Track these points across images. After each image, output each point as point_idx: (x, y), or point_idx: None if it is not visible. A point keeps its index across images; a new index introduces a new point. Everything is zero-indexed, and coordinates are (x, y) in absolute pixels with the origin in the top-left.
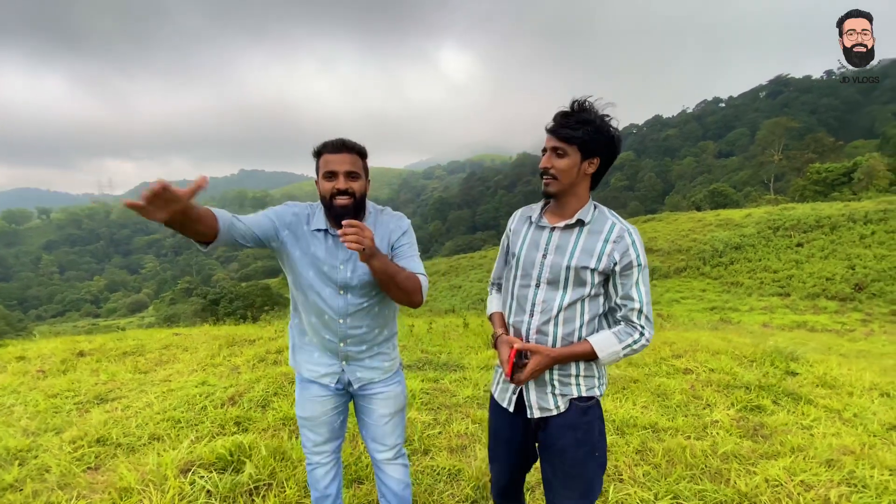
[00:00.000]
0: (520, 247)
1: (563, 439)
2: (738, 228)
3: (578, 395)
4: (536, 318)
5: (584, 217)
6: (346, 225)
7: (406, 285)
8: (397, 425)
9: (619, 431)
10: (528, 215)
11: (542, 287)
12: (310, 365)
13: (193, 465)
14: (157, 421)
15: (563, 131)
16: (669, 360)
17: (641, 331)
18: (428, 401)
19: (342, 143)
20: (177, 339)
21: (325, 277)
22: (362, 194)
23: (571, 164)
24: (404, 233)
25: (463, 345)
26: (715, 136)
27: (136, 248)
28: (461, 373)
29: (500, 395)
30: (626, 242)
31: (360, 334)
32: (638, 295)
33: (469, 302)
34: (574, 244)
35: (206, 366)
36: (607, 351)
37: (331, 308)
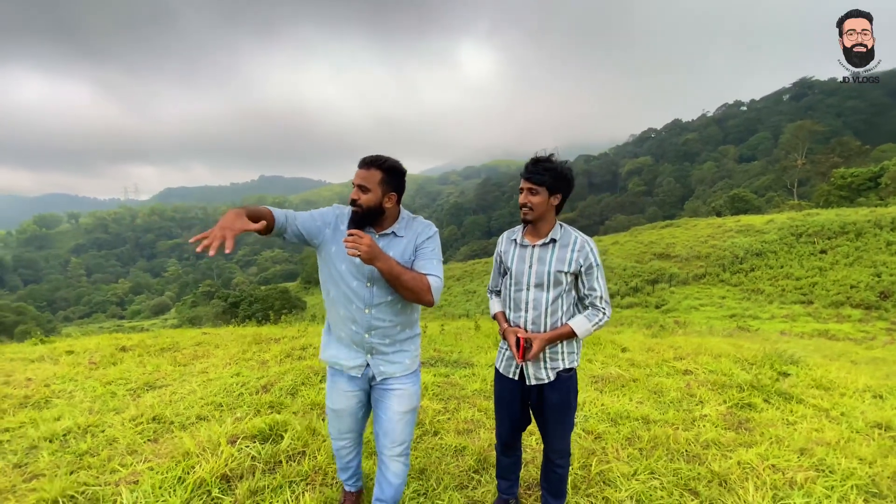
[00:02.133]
0: (511, 262)
1: (552, 399)
2: (759, 234)
3: (563, 367)
4: (530, 314)
5: (555, 236)
6: (348, 233)
7: (412, 285)
8: (408, 423)
9: (613, 421)
10: (513, 238)
11: (531, 290)
12: (339, 359)
13: (238, 437)
14: (202, 404)
15: (534, 177)
16: (671, 362)
17: (603, 311)
18: (439, 392)
19: (363, 160)
20: (206, 338)
21: (355, 270)
22: (370, 206)
23: (542, 199)
24: (429, 238)
25: (474, 345)
26: (736, 140)
27: (159, 252)
28: (471, 369)
29: (505, 368)
30: (586, 250)
31: (383, 327)
32: (598, 286)
33: (484, 306)
34: (551, 256)
35: (239, 360)
36: (582, 329)
37: (358, 298)
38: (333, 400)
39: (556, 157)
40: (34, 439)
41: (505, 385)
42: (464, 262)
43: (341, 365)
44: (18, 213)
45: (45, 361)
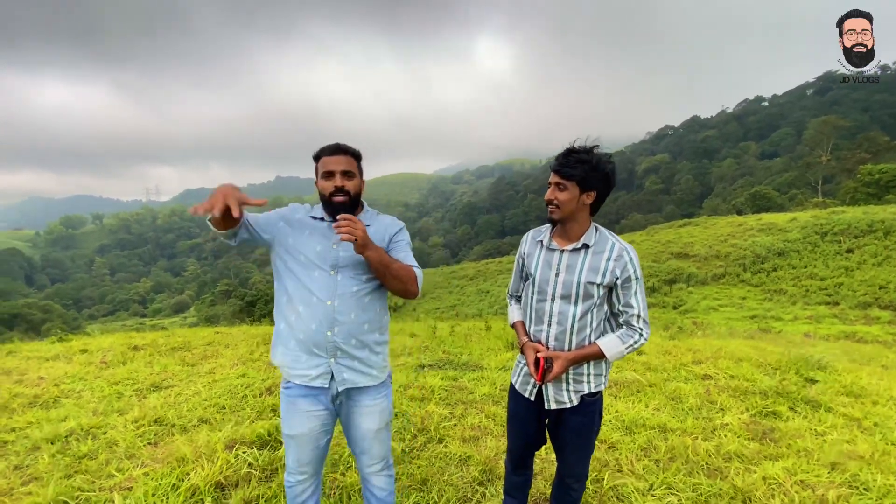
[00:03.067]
0: (534, 267)
1: (573, 422)
2: (781, 233)
3: (588, 390)
4: (554, 328)
5: (588, 241)
6: (341, 218)
7: (401, 274)
8: (384, 439)
9: (627, 430)
10: (539, 239)
11: (556, 301)
12: (298, 369)
13: (237, 442)
14: (205, 406)
15: (563, 170)
16: (689, 366)
17: (640, 332)
18: (446, 396)
19: (338, 146)
20: (218, 337)
21: (317, 258)
22: (357, 192)
23: (571, 196)
24: (400, 230)
25: (484, 347)
26: (757, 136)
27: (179, 252)
28: (480, 372)
29: (522, 386)
30: (624, 260)
31: (347, 323)
32: (636, 303)
33: (497, 307)
34: (581, 264)
35: (246, 360)
36: (613, 351)
37: (320, 289)
38: (291, 424)
39: (599, 148)
40: (37, 440)
41: (520, 403)
42: (477, 262)
43: (300, 375)
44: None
45: (60, 360)
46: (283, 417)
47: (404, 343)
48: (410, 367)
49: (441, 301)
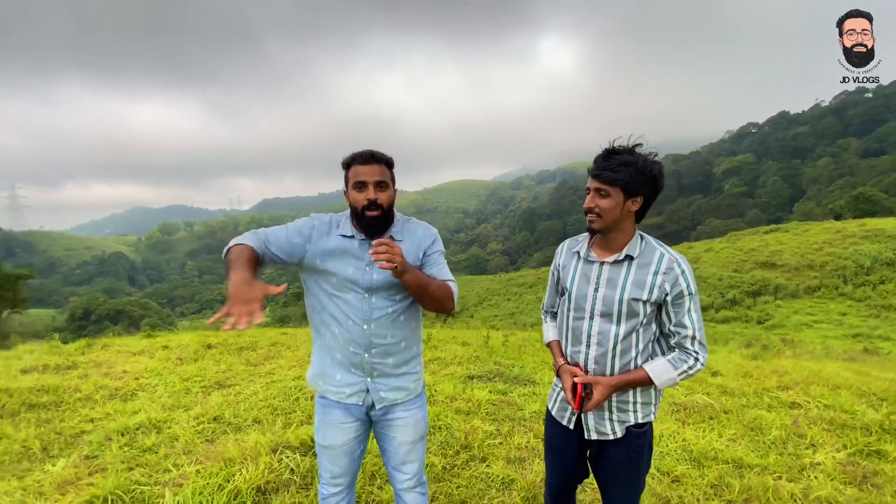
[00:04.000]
0: (570, 281)
1: (618, 457)
2: (890, 241)
3: (635, 421)
4: (593, 350)
5: (632, 252)
6: (377, 244)
7: (438, 294)
8: (418, 452)
9: (696, 462)
10: (575, 249)
11: (595, 320)
12: (334, 387)
13: (281, 446)
14: (260, 407)
15: (605, 174)
16: (773, 392)
17: (696, 356)
18: (493, 412)
19: (371, 154)
20: (283, 338)
21: (349, 281)
22: (390, 204)
23: (614, 203)
24: (434, 241)
25: (538, 360)
26: (859, 132)
27: None
28: (531, 388)
29: (559, 412)
30: (675, 273)
31: (385, 344)
32: (690, 322)
33: None
34: (625, 278)
35: (303, 363)
36: (663, 378)
37: (355, 313)
38: (326, 435)
39: (645, 148)
40: (110, 432)
41: (558, 432)
42: (536, 269)
43: (335, 391)
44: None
45: (144, 355)
46: (317, 428)
47: (455, 352)
48: (459, 377)
49: (498, 308)
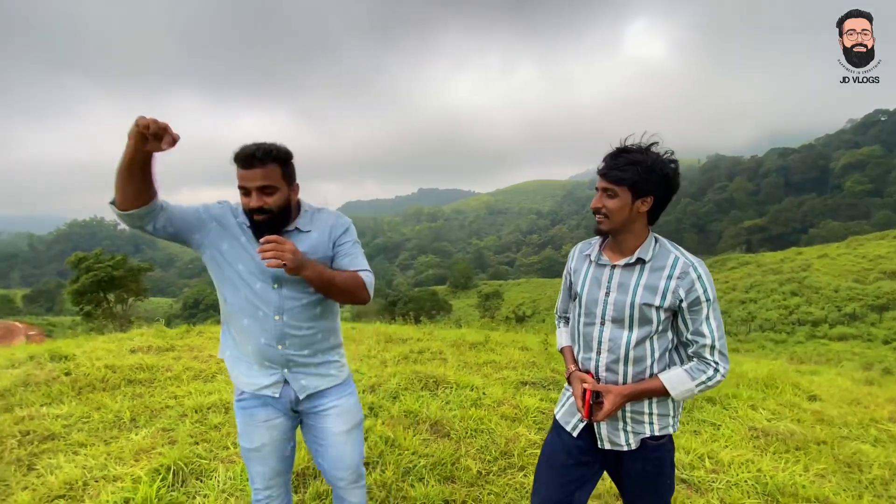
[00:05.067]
0: (581, 285)
1: (634, 471)
2: None
3: (651, 433)
4: (605, 357)
5: (643, 255)
6: (264, 241)
7: (346, 286)
8: (356, 442)
9: (769, 497)
10: (587, 253)
11: (607, 325)
12: (249, 378)
13: None
14: None
15: (612, 173)
16: (884, 424)
17: (715, 367)
18: (541, 420)
19: (252, 155)
20: (351, 332)
21: (256, 269)
22: (281, 207)
23: (622, 204)
24: (346, 230)
25: None
26: None
27: None
28: None
29: (565, 418)
30: (691, 278)
31: (300, 336)
32: (709, 330)
33: None
34: (636, 282)
35: (363, 357)
36: (680, 389)
37: (265, 304)
38: (251, 437)
39: (659, 146)
40: (187, 408)
41: (561, 441)
42: None
43: (251, 383)
44: None
45: None
46: (240, 432)
47: (511, 355)
48: (511, 382)
49: None
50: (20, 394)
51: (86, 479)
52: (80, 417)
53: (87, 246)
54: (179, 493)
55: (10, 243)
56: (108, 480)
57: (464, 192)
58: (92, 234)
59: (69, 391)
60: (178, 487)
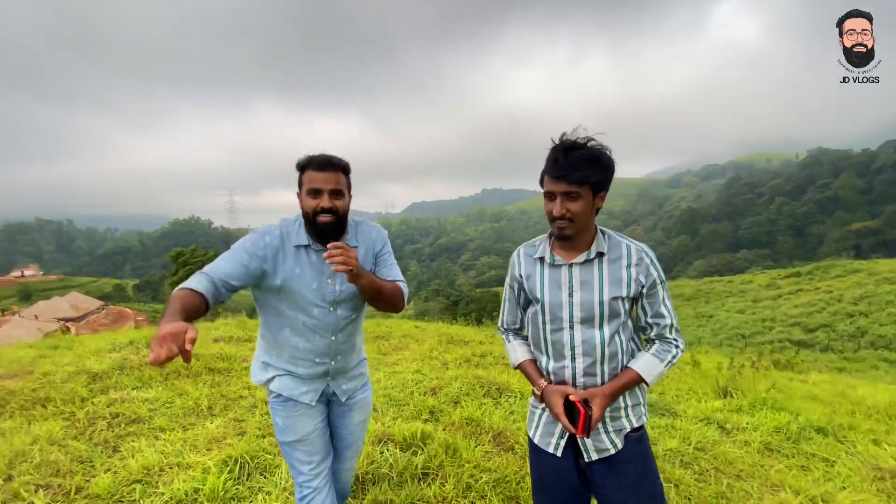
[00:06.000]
0: (541, 290)
1: (627, 473)
2: None
3: (631, 427)
4: (580, 361)
5: (601, 248)
6: (332, 247)
7: (391, 295)
8: (363, 430)
9: None
10: (537, 256)
11: (576, 328)
12: (296, 393)
13: (385, 438)
14: (378, 395)
15: (573, 174)
16: None
17: (676, 344)
18: None
19: (328, 160)
20: (414, 331)
21: (314, 296)
22: (345, 212)
23: (586, 204)
24: (385, 243)
25: (684, 387)
26: None
27: (405, 255)
28: (670, 419)
29: (543, 439)
30: (645, 263)
31: (348, 348)
32: (667, 311)
33: (722, 336)
34: (599, 277)
35: (425, 358)
36: (653, 374)
37: (322, 327)
38: (295, 429)
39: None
40: (257, 400)
41: (548, 464)
42: (697, 280)
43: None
44: None
45: None
46: (281, 429)
47: None
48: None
49: None
50: (116, 377)
51: (162, 464)
52: (164, 402)
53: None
54: (244, 486)
55: (124, 239)
56: (182, 468)
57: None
58: (190, 231)
59: (157, 376)
60: (243, 481)
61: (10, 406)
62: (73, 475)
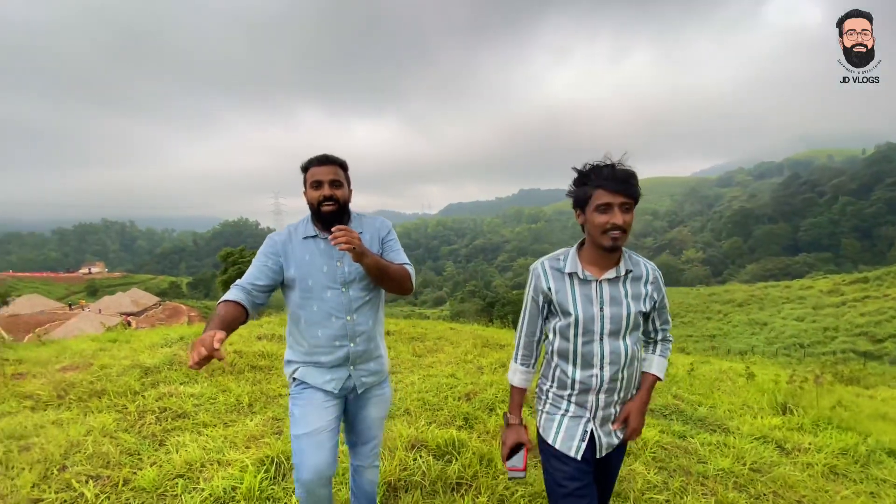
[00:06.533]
0: (573, 304)
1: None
2: None
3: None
4: (608, 370)
5: (629, 267)
6: (336, 230)
7: (398, 275)
8: (381, 428)
9: None
10: (567, 270)
11: (605, 340)
12: (319, 381)
13: (419, 444)
14: (412, 399)
15: (629, 188)
16: None
17: (671, 340)
18: (663, 457)
19: (325, 156)
20: (449, 333)
21: (326, 279)
22: (345, 201)
23: (632, 217)
24: (390, 230)
25: (737, 401)
26: None
27: (441, 255)
28: (722, 436)
29: (565, 444)
30: (659, 282)
31: (366, 331)
32: (669, 318)
33: (778, 345)
34: (625, 294)
35: (460, 361)
36: (663, 371)
37: (337, 308)
38: (308, 421)
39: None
40: None
41: (571, 468)
42: (750, 285)
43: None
44: None
45: None
46: (297, 419)
47: None
48: None
49: (693, 328)
50: (165, 371)
51: (203, 460)
52: (209, 398)
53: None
54: (279, 487)
55: (179, 239)
56: (222, 465)
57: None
58: (238, 232)
59: (204, 372)
60: (278, 481)
61: (69, 397)
62: (122, 467)
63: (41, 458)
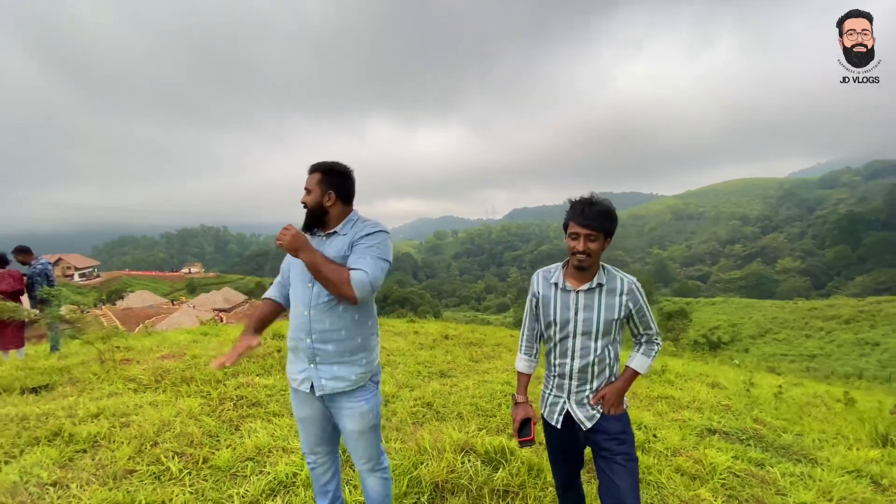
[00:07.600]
0: (553, 309)
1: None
2: None
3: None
4: (577, 361)
5: (601, 280)
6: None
7: (331, 276)
8: (367, 442)
9: None
10: (553, 281)
11: (578, 337)
12: (292, 374)
13: (468, 449)
14: (466, 403)
15: (594, 223)
16: None
17: (658, 342)
18: (734, 486)
19: (311, 166)
20: (508, 340)
21: (299, 273)
22: (312, 205)
23: (600, 246)
24: (368, 234)
25: (830, 429)
26: None
27: (505, 261)
28: (807, 467)
29: (550, 415)
30: (635, 294)
31: (324, 330)
32: (653, 324)
33: (892, 369)
34: (598, 303)
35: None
36: (645, 367)
37: (300, 300)
38: (298, 408)
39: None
40: None
41: (556, 433)
42: (860, 299)
43: (292, 378)
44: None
45: (401, 336)
46: (292, 400)
47: (697, 392)
48: (692, 427)
49: (789, 345)
50: (244, 363)
51: (271, 447)
52: (280, 390)
53: None
54: None
55: (265, 243)
56: (287, 452)
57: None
58: None
59: (277, 365)
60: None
61: (164, 382)
62: (203, 447)
63: (137, 435)
